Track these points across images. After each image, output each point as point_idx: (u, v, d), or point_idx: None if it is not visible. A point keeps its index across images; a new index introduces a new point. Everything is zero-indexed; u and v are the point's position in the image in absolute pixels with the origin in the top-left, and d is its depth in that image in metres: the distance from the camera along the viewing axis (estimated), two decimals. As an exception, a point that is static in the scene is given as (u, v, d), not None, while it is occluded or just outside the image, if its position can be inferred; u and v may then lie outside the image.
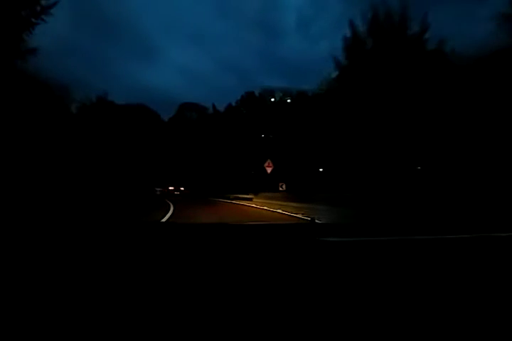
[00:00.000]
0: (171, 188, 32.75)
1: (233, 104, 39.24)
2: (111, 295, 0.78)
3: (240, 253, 1.13)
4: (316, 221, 3.22)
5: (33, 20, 17.07)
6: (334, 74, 19.05)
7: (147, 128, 35.46)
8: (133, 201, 15.75)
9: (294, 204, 11.82)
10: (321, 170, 25.05)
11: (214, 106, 41.74)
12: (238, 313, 0.72)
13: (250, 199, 18.44)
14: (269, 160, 18.70)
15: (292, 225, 2.50)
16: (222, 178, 33.62)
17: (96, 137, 23.73)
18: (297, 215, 8.13)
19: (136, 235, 1.41)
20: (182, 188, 33.81)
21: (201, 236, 1.42)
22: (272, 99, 37.40)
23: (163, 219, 7.12)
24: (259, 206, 12.65)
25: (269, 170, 18.42)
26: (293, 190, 18.36)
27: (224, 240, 1.33)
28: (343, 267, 1.02)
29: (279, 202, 13.68)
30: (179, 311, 0.72)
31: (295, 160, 26.38)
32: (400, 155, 15.83)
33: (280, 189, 17.62)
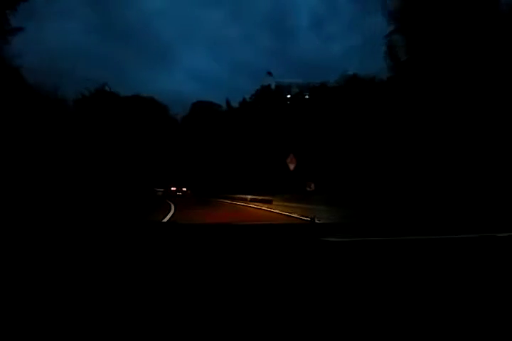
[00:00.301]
0: (173, 189, 29.92)
1: (248, 99, 36.39)
2: (112, 295, 0.78)
3: (241, 253, 1.13)
4: (316, 221, 2.95)
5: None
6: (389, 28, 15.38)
7: (153, 123, 32.54)
8: (128, 203, 13.64)
9: (343, 212, 8.75)
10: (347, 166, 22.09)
11: (228, 102, 38.87)
12: (240, 312, 0.71)
13: (270, 202, 15.49)
14: (291, 155, 15.62)
15: (293, 225, 2.74)
16: (234, 178, 30.70)
17: (93, 131, 21.23)
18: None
19: (137, 235, 1.40)
20: (184, 189, 31.00)
21: (202, 236, 1.41)
22: (289, 96, 34.67)
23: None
24: (285, 212, 9.63)
25: (291, 166, 15.35)
26: (321, 190, 15.27)
27: (225, 240, 1.32)
28: (343, 267, 1.01)
29: (310, 206, 10.64)
30: (181, 310, 0.72)
31: (318, 157, 23.46)
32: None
33: (308, 189, 14.49)
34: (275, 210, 10.65)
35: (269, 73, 33.98)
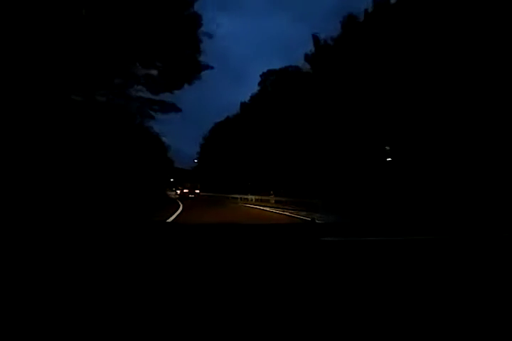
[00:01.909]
0: (185, 191, 26.58)
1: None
2: (116, 294, 0.78)
3: (242, 252, 1.16)
4: (317, 221, 2.89)
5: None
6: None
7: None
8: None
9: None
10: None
11: (315, 38, 19.70)
12: (241, 311, 0.72)
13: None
14: None
15: (293, 225, 3.01)
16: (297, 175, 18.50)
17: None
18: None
19: (141, 235, 1.41)
20: (197, 191, 26.95)
21: (205, 236, 1.41)
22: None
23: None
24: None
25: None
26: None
27: (226, 239, 1.34)
28: (342, 266, 1.04)
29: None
30: (183, 308, 0.72)
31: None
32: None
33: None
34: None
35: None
